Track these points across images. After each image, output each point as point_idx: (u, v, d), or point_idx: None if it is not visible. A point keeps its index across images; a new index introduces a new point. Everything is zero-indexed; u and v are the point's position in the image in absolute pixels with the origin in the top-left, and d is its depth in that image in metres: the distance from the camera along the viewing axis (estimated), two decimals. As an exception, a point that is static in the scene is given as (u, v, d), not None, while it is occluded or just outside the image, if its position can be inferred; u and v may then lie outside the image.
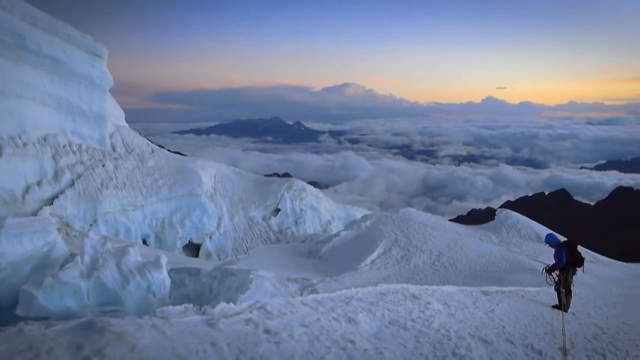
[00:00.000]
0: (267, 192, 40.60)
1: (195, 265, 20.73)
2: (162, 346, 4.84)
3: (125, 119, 39.20)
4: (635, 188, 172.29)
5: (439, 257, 20.67)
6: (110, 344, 4.55)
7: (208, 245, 34.21)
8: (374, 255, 20.45)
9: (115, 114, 36.70)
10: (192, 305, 10.39)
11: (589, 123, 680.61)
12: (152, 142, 40.46)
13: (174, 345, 4.94)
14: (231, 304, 6.76)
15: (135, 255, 15.26)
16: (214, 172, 39.54)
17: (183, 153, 61.26)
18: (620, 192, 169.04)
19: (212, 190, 37.56)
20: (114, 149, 33.46)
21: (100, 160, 30.89)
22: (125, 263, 14.55)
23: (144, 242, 31.41)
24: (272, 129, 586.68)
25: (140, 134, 40.15)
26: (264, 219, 39.12)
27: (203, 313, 6.66)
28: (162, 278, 15.05)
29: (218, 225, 35.71)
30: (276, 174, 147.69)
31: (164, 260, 15.56)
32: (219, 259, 31.71)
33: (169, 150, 45.71)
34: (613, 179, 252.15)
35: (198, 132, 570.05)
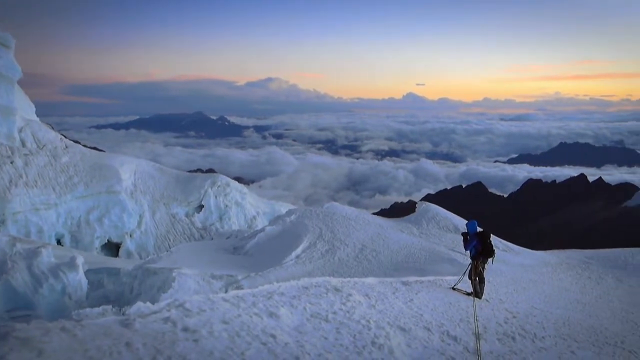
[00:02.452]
0: (190, 188, 39.74)
1: (114, 264, 20.02)
2: (72, 349, 4.63)
3: (37, 113, 37.04)
4: (544, 180, 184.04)
5: (362, 249, 21.06)
6: (15, 351, 4.30)
7: (128, 244, 33.02)
8: (299, 249, 20.56)
9: (24, 108, 34.56)
10: (111, 306, 10.03)
11: (502, 119, 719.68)
12: (66, 137, 38.50)
13: (86, 347, 4.74)
14: (148, 303, 6.57)
15: (48, 256, 14.50)
16: (133, 168, 38.17)
17: (100, 149, 58.86)
18: (531, 184, 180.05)
19: (132, 187, 36.27)
20: (23, 145, 31.51)
21: (9, 157, 29.03)
22: (37, 265, 13.79)
23: (58, 242, 29.90)
24: (195, 123, 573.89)
25: (53, 128, 38.10)
26: (187, 215, 38.28)
27: (123, 314, 6.45)
28: (78, 279, 14.40)
29: (139, 223, 34.55)
30: (200, 170, 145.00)
31: (80, 260, 14.89)
32: (140, 258, 30.71)
33: (85, 145, 43.74)
34: (524, 171, 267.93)
35: (116, 126, 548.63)
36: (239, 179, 54.77)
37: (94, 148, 47.83)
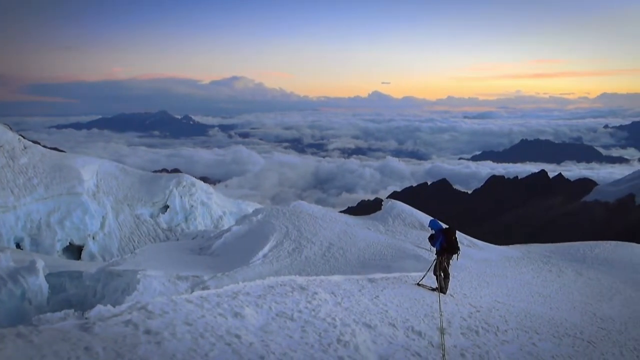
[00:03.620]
0: (154, 189, 39.13)
1: (76, 268, 19.59)
2: (28, 356, 4.50)
3: (-7, 113, 35.87)
4: (506, 177, 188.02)
5: (329, 248, 21.11)
6: (-33, 358, 4.16)
7: (91, 246, 32.32)
8: (266, 249, 20.48)
9: (-21, 108, 33.48)
10: (73, 310, 9.79)
11: (466, 117, 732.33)
12: (25, 137, 37.48)
13: (43, 354, 4.61)
14: (109, 306, 6.44)
15: (6, 260, 14.14)
16: (96, 168, 37.36)
17: (61, 149, 57.58)
18: (494, 181, 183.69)
19: (94, 188, 35.50)
20: (-21, 146, 30.55)
21: (-37, 158, 28.11)
22: (-6, 269, 13.41)
23: (18, 246, 29.10)
24: (160, 123, 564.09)
25: (10, 128, 37.00)
26: (151, 216, 37.70)
27: (86, 318, 6.29)
28: (38, 284, 14.09)
29: (102, 225, 33.85)
30: (165, 170, 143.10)
31: (40, 264, 14.57)
32: (104, 261, 30.10)
33: (44, 146, 42.67)
34: (487, 168, 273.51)
35: (78, 126, 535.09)
36: (204, 179, 54.31)
37: (54, 149, 46.69)
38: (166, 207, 38.70)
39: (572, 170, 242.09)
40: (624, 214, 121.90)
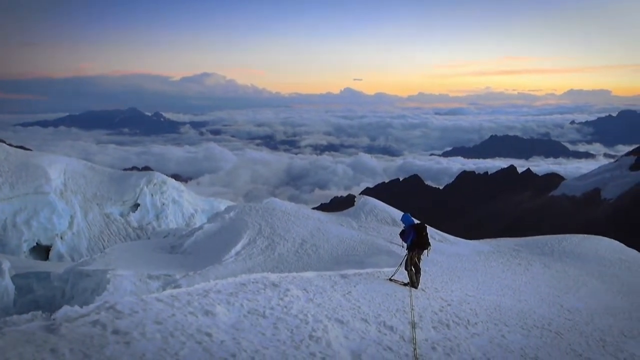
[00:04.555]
0: (124, 187, 38.48)
1: (44, 268, 19.20)
2: (-10, 359, 4.39)
3: (-46, 111, 34.90)
4: (476, 172, 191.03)
5: (302, 244, 21.10)
6: None
7: (59, 246, 31.61)
8: (239, 246, 20.36)
9: (-60, 105, 32.51)
10: (41, 312, 9.59)
11: (437, 113, 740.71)
12: (-12, 135, 36.49)
13: (6, 356, 4.49)
14: (76, 307, 6.31)
15: (-31, 262, 13.75)
16: (63, 167, 36.53)
17: (27, 147, 56.22)
18: (464, 176, 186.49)
19: (62, 187, 34.72)
20: (-60, 144, 29.63)
21: None
22: (-43, 271, 13.04)
23: (-18, 247, 28.31)
24: (129, 120, 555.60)
25: (-27, 127, 36.02)
26: (121, 215, 37.08)
27: (52, 320, 6.15)
28: (4, 285, 13.79)
29: (70, 224, 33.13)
30: (135, 168, 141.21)
31: (5, 265, 14.25)
32: (73, 261, 29.52)
33: (10, 144, 41.64)
34: (458, 164, 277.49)
35: (44, 124, 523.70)
36: (176, 177, 53.67)
37: (20, 147, 45.64)
38: (137, 205, 38.12)
39: (540, 166, 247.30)
40: (590, 208, 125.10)
